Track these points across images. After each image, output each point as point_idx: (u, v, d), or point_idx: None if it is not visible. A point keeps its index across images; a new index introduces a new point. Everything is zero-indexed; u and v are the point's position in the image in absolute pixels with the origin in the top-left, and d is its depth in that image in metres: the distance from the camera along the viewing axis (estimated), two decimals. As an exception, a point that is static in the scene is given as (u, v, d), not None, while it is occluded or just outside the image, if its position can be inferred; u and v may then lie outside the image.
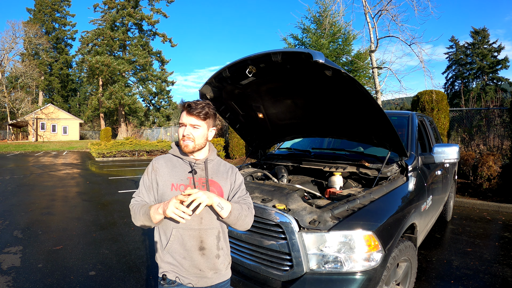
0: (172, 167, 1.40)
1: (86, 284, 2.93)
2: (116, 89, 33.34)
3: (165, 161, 1.42)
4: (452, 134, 8.49)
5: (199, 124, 1.36)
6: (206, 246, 1.36)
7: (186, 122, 1.36)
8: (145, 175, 1.42)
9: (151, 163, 1.44)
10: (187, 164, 1.41)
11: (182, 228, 1.34)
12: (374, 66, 8.57)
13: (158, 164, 1.41)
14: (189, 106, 1.35)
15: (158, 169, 1.40)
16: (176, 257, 1.35)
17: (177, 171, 1.39)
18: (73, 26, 45.84)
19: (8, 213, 5.42)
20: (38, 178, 9.58)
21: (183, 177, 1.38)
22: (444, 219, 4.65)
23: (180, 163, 1.42)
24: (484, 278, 2.97)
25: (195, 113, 1.34)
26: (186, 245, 1.34)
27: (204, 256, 1.36)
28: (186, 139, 1.36)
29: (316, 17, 13.62)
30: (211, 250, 1.37)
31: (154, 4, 36.73)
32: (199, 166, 1.42)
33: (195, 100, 1.39)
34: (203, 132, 1.37)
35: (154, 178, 1.39)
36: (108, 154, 16.95)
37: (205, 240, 1.36)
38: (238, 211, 1.34)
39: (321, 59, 1.65)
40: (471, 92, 23.92)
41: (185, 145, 1.36)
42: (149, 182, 1.41)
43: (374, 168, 2.53)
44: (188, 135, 1.35)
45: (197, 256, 1.35)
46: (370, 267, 1.69)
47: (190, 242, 1.34)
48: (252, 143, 3.36)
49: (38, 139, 33.28)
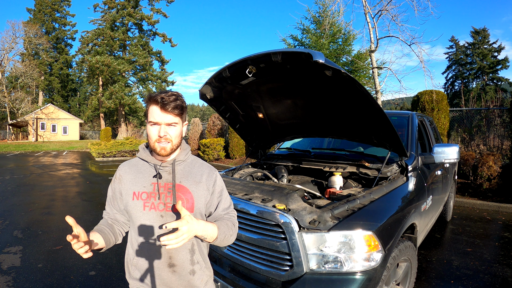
0: (136, 173, 1.23)
1: (86, 284, 2.93)
2: (116, 89, 33.33)
3: (130, 167, 1.26)
4: (452, 134, 8.49)
5: (176, 122, 1.16)
6: (176, 263, 1.18)
7: (161, 121, 1.14)
8: (110, 185, 1.28)
9: (116, 171, 1.28)
10: (150, 166, 1.24)
11: (147, 243, 1.17)
12: (374, 66, 8.57)
13: (122, 171, 1.26)
14: (162, 100, 1.12)
15: (122, 176, 1.25)
16: (144, 273, 1.19)
17: (140, 177, 1.22)
18: (73, 26, 45.83)
19: (8, 213, 5.42)
20: (38, 178, 9.58)
21: (146, 183, 1.20)
22: (444, 219, 4.65)
23: (145, 167, 1.24)
24: (484, 278, 2.97)
25: (170, 109, 1.12)
26: (153, 262, 1.17)
27: (176, 273, 1.18)
28: (163, 140, 1.15)
29: (316, 18, 13.61)
30: (183, 266, 1.18)
31: (154, 4, 36.72)
32: (166, 169, 1.22)
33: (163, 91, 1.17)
34: (179, 130, 1.19)
35: (117, 188, 1.24)
36: (108, 154, 16.95)
37: (174, 256, 1.17)
38: (224, 234, 1.17)
39: (321, 59, 1.65)
40: (471, 92, 23.94)
41: (162, 147, 1.16)
42: (112, 192, 1.26)
43: (374, 168, 2.53)
44: (165, 136, 1.15)
45: (167, 274, 1.17)
46: (370, 267, 1.69)
47: (157, 258, 1.17)
48: (252, 143, 3.36)
49: (38, 139, 33.26)
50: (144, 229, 1.18)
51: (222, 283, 1.95)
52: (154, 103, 1.14)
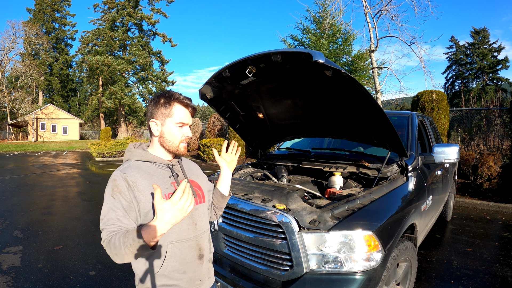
0: (149, 177, 1.15)
1: (86, 284, 2.93)
2: (116, 89, 33.34)
3: (138, 172, 1.15)
4: (452, 134, 8.49)
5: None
6: (204, 253, 1.25)
7: (188, 122, 1.24)
8: (117, 196, 1.08)
9: (120, 179, 1.10)
10: (164, 168, 1.21)
11: (179, 241, 1.16)
12: (374, 66, 8.57)
13: (133, 178, 1.12)
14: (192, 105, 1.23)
15: (135, 183, 1.11)
16: (175, 275, 1.16)
17: (156, 179, 1.16)
18: (73, 26, 45.83)
19: (8, 213, 5.42)
20: (38, 178, 9.58)
21: (166, 184, 1.17)
22: (444, 219, 4.65)
23: (153, 169, 1.19)
24: (484, 278, 2.97)
25: (193, 112, 1.24)
26: (186, 259, 1.18)
27: (203, 264, 1.24)
28: (187, 141, 1.25)
29: (316, 17, 13.61)
30: (207, 256, 1.27)
31: (154, 4, 36.73)
32: (175, 167, 1.26)
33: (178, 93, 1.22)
34: None
35: (132, 196, 1.09)
36: (108, 154, 16.95)
37: (202, 247, 1.24)
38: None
39: (321, 59, 1.65)
40: (471, 92, 23.94)
41: (185, 147, 1.24)
42: (127, 202, 1.08)
43: (374, 168, 2.53)
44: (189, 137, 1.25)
45: (197, 266, 1.21)
46: (370, 267, 1.69)
47: (190, 253, 1.19)
48: (252, 143, 3.36)
49: (38, 139, 33.27)
50: (174, 230, 1.15)
51: (222, 283, 1.95)
52: (183, 105, 1.20)
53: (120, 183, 1.10)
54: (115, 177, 1.12)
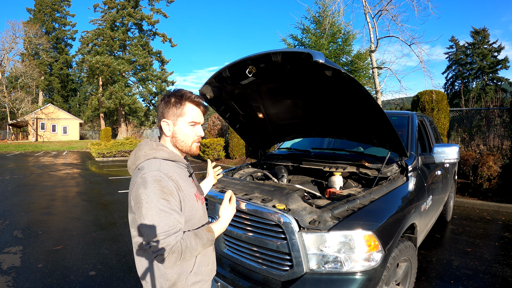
0: (180, 176, 1.14)
1: (86, 284, 2.93)
2: (116, 89, 33.34)
3: (173, 171, 1.12)
4: (452, 134, 8.49)
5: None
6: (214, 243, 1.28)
7: (201, 121, 1.21)
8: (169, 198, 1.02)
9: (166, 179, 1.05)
10: (183, 167, 1.21)
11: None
12: (374, 66, 8.57)
13: (175, 178, 1.09)
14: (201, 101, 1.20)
15: (178, 183, 1.09)
16: (201, 270, 1.18)
17: (185, 179, 1.16)
18: (73, 26, 45.84)
19: (8, 213, 5.42)
20: (38, 178, 9.58)
21: (191, 183, 1.19)
22: (444, 219, 4.65)
23: (176, 168, 1.16)
24: (484, 278, 2.97)
25: (205, 111, 1.22)
26: (208, 251, 1.23)
27: (214, 252, 1.32)
28: (200, 140, 1.23)
29: (316, 17, 13.60)
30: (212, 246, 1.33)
31: (154, 4, 36.74)
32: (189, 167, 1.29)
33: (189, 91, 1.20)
34: None
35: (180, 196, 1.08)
36: (108, 154, 16.95)
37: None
38: None
39: (321, 59, 1.65)
40: (471, 92, 23.94)
41: (198, 146, 1.22)
42: (179, 203, 1.06)
43: (374, 168, 2.53)
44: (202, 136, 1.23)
45: (213, 256, 1.30)
46: (370, 267, 1.69)
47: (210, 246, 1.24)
48: (252, 143, 3.36)
49: (38, 139, 33.27)
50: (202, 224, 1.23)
51: (222, 283, 1.95)
52: (196, 104, 1.18)
53: (168, 184, 1.04)
54: (159, 178, 1.03)
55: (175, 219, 1.01)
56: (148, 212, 0.99)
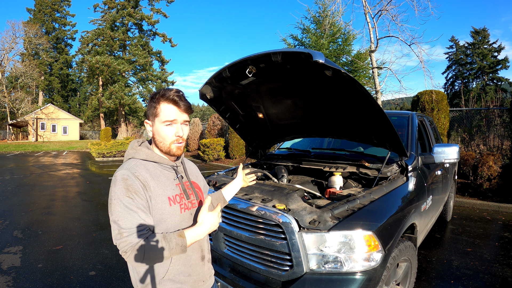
0: (156, 177, 1.11)
1: (86, 284, 2.93)
2: (116, 89, 33.33)
3: (146, 171, 1.10)
4: (452, 134, 8.49)
5: (188, 120, 1.16)
6: (205, 254, 1.25)
7: (179, 120, 1.12)
8: (133, 196, 1.02)
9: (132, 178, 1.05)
10: (168, 169, 1.18)
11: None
12: (374, 66, 8.57)
13: (144, 177, 1.07)
14: (179, 98, 1.10)
15: (147, 182, 1.07)
16: (180, 279, 1.14)
17: (163, 180, 1.13)
18: (73, 26, 45.82)
19: (8, 213, 5.42)
20: (38, 178, 9.58)
21: (172, 185, 1.15)
22: (444, 219, 4.65)
23: (159, 169, 1.15)
24: (484, 278, 2.97)
25: (185, 108, 1.12)
26: (191, 261, 1.17)
27: (204, 265, 1.24)
28: (180, 141, 1.14)
29: (316, 17, 13.61)
30: (207, 256, 1.27)
31: (154, 4, 36.72)
32: (179, 168, 1.23)
33: (169, 89, 1.13)
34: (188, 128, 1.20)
35: (147, 196, 1.06)
36: (108, 154, 16.94)
37: (204, 248, 1.24)
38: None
39: (321, 59, 1.65)
40: (471, 92, 23.93)
41: (178, 147, 1.14)
42: (145, 202, 1.04)
43: (374, 168, 2.53)
44: (182, 136, 1.14)
45: (201, 267, 1.21)
46: (370, 267, 1.69)
47: (194, 255, 1.19)
48: (252, 143, 3.36)
49: (38, 139, 33.27)
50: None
51: (222, 283, 1.95)
52: (168, 102, 1.10)
53: (133, 182, 1.04)
54: (126, 176, 1.04)
55: (140, 217, 1.01)
56: (115, 208, 1.01)
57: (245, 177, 1.67)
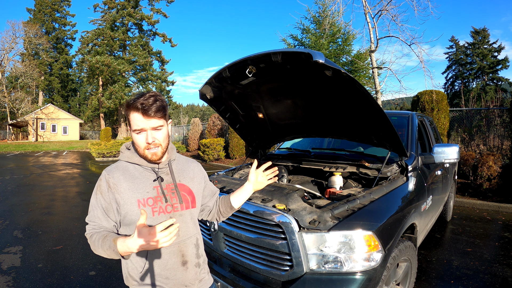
0: (132, 179, 1.16)
1: (86, 284, 2.93)
2: (116, 89, 33.32)
3: (122, 173, 1.16)
4: (452, 134, 8.48)
5: (161, 124, 1.13)
6: (187, 259, 1.22)
7: (146, 127, 1.11)
8: (98, 195, 1.15)
9: (103, 179, 1.16)
10: (150, 171, 1.19)
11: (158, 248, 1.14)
12: (374, 66, 8.57)
13: (115, 180, 1.14)
14: (143, 106, 1.08)
15: (116, 185, 1.13)
16: (158, 280, 1.17)
17: (139, 182, 1.16)
18: (73, 26, 45.83)
19: (8, 213, 5.42)
20: (38, 178, 9.58)
21: (148, 188, 1.16)
22: (444, 219, 4.65)
23: (140, 171, 1.19)
24: (484, 278, 2.97)
25: (152, 113, 1.09)
26: (168, 265, 1.17)
27: (188, 269, 1.22)
28: (152, 147, 1.13)
29: (316, 17, 13.60)
30: (192, 261, 1.24)
31: (154, 4, 36.70)
32: (163, 170, 1.21)
33: (140, 95, 1.11)
34: (166, 131, 1.17)
35: (112, 198, 1.13)
36: (108, 154, 16.93)
37: (185, 253, 1.21)
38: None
39: (321, 59, 1.65)
40: (471, 92, 23.94)
41: (153, 153, 1.14)
42: (106, 203, 1.13)
43: (374, 168, 2.53)
44: (153, 142, 1.13)
45: (181, 272, 1.20)
46: (370, 267, 1.69)
47: (172, 260, 1.18)
48: (252, 143, 3.36)
49: (38, 139, 33.27)
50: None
51: (222, 283, 1.95)
52: (134, 110, 1.09)
53: (102, 184, 1.16)
54: (101, 177, 1.18)
55: (97, 214, 1.15)
56: (90, 200, 1.19)
57: (262, 175, 1.43)
